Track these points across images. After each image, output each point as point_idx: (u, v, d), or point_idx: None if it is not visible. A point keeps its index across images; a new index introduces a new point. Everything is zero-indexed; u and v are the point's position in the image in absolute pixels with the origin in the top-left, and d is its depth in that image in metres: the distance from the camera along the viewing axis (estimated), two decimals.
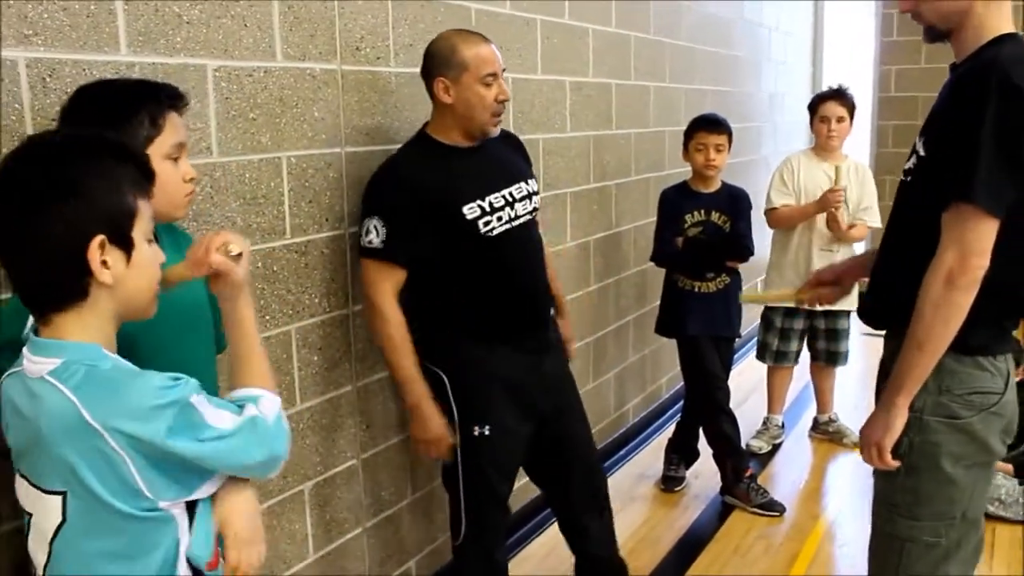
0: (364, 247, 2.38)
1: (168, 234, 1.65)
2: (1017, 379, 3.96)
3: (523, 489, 3.10)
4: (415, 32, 2.69)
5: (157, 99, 1.54)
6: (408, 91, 2.69)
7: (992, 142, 1.74)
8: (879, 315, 2.10)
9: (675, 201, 3.80)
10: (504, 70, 2.45)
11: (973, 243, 1.79)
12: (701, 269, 3.78)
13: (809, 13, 7.18)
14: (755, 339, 4.52)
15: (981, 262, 1.79)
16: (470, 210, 2.40)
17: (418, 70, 2.69)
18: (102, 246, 1.21)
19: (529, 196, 2.55)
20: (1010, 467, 3.77)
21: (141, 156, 1.31)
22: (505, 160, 2.57)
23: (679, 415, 4.09)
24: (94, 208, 1.20)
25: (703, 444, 3.90)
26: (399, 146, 2.64)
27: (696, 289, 3.80)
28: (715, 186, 3.75)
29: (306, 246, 2.37)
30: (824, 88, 4.41)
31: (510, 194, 2.49)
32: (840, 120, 4.15)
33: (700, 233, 3.72)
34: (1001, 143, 1.74)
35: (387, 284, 2.40)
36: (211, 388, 1.47)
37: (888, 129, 7.02)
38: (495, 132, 2.48)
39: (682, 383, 4.03)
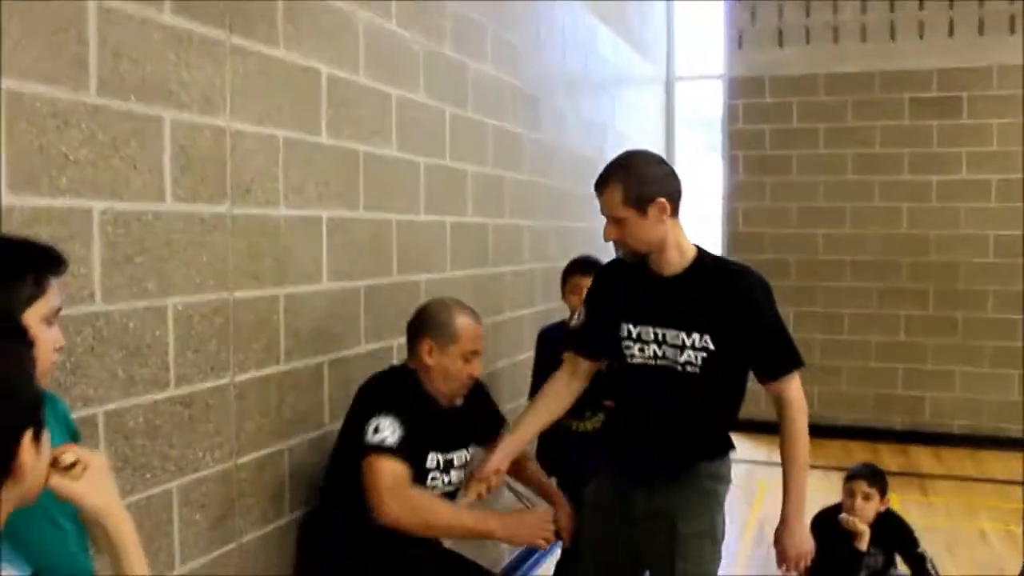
0: (380, 446, 2.39)
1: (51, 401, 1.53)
2: (883, 509, 4.11)
3: None
4: (305, 174, 2.65)
5: (43, 261, 1.47)
6: (297, 234, 2.63)
7: (785, 331, 2.53)
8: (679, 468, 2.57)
9: (553, 340, 3.82)
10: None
11: (801, 390, 2.54)
12: (579, 408, 3.78)
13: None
14: None
15: None
16: (431, 461, 2.56)
17: (306, 212, 2.66)
18: (31, 440, 1.08)
19: (463, 465, 2.69)
20: None
21: (33, 339, 1.19)
22: (459, 424, 2.70)
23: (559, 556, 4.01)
24: (23, 403, 1.08)
25: None
26: (287, 290, 2.58)
27: (575, 428, 3.79)
28: None
29: (190, 398, 2.23)
30: None
31: (449, 461, 2.63)
32: None
33: None
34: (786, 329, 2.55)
35: (404, 480, 2.41)
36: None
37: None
38: (459, 401, 2.69)
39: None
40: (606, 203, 2.42)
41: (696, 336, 2.40)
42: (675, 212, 2.41)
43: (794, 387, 2.51)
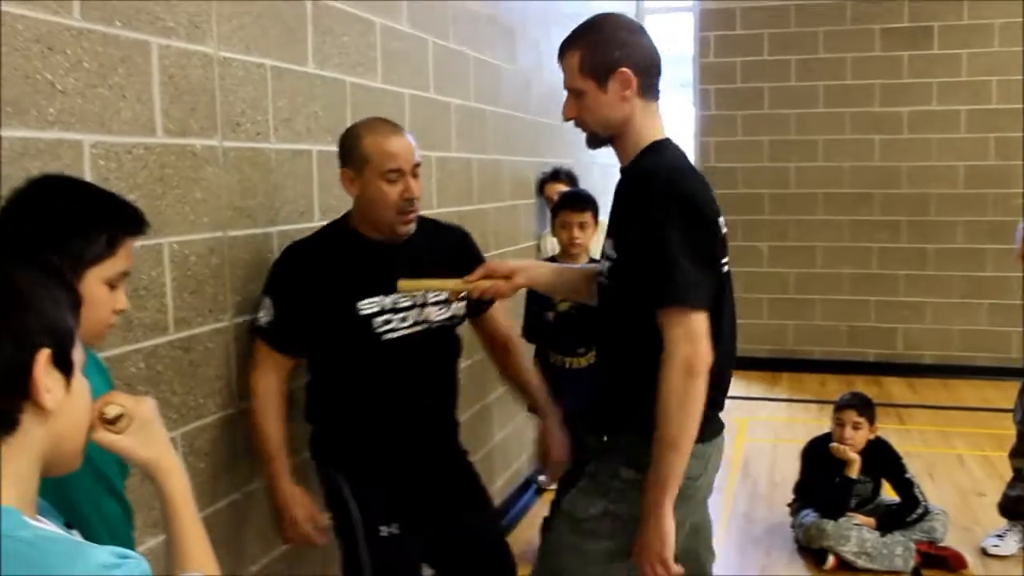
0: (255, 324, 2.29)
1: (92, 357, 1.46)
2: (872, 437, 4.14)
3: None
4: (294, 106, 2.52)
5: (121, 220, 1.40)
6: (287, 169, 2.50)
7: (685, 251, 1.85)
8: (612, 417, 2.12)
9: None
10: (418, 164, 2.29)
11: (698, 333, 1.85)
12: (573, 344, 3.74)
13: None
14: None
15: (708, 347, 1.86)
16: (368, 305, 2.26)
17: (296, 146, 2.55)
18: (48, 362, 0.97)
19: (445, 302, 2.40)
20: (872, 520, 3.90)
21: (76, 285, 1.09)
22: (426, 262, 2.32)
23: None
24: (41, 320, 0.97)
25: None
26: (281, 228, 2.47)
27: (568, 365, 3.75)
28: (583, 261, 3.73)
29: (190, 341, 2.12)
30: None
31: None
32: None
33: (571, 308, 3.68)
34: (692, 249, 1.86)
35: (268, 366, 2.28)
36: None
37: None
38: (404, 231, 2.29)
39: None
40: (565, 72, 2.05)
41: (609, 241, 2.06)
42: (645, 91, 2.01)
43: (672, 333, 1.85)
